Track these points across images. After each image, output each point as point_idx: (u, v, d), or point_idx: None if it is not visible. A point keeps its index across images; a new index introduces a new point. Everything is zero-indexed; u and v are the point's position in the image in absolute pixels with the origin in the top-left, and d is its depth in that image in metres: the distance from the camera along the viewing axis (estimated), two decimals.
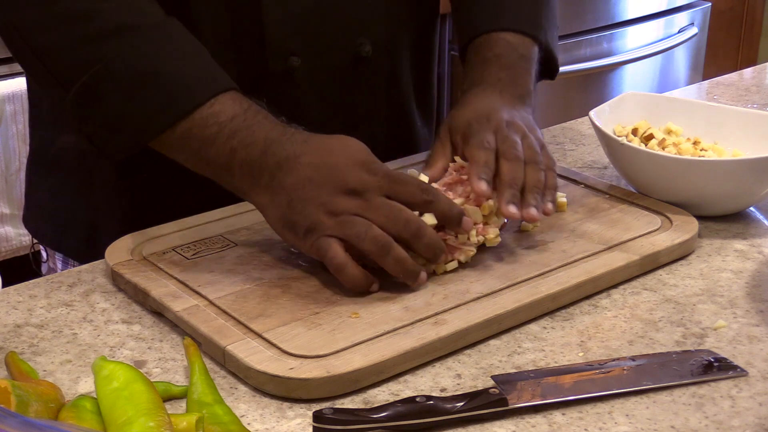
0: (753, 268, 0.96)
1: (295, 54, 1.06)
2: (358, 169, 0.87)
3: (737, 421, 0.73)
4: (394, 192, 0.87)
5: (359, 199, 0.86)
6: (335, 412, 0.72)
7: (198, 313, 0.84)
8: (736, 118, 1.14)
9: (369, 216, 0.86)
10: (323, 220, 0.86)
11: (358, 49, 1.10)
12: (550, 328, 0.86)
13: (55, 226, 1.16)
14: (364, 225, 0.86)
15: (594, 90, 2.68)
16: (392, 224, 0.86)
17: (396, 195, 0.87)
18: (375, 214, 0.86)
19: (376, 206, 0.86)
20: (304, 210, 0.87)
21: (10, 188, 2.07)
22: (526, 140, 0.98)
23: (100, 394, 0.69)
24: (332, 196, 0.86)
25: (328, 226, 0.86)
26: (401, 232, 0.86)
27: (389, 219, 0.86)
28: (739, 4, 3.26)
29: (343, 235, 0.86)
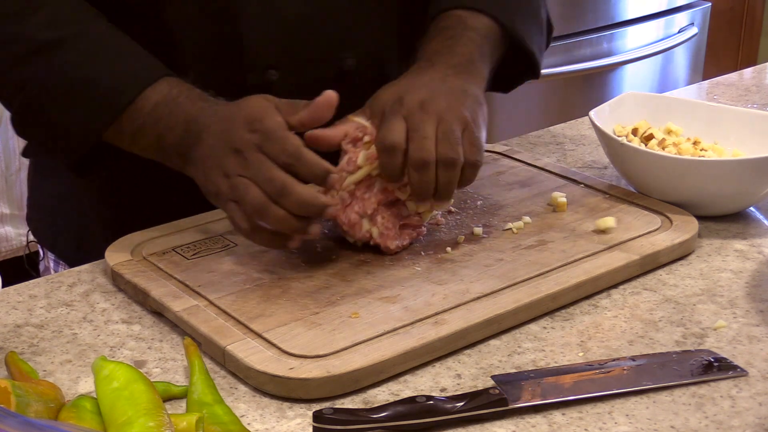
0: (753, 268, 0.96)
1: (274, 67, 1.04)
2: (242, 129, 0.88)
3: (737, 421, 0.73)
4: (266, 150, 0.87)
5: (242, 159, 0.87)
6: (335, 412, 0.72)
7: (198, 313, 0.84)
8: (736, 118, 1.14)
9: (247, 175, 0.87)
10: (220, 184, 0.88)
11: (342, 63, 1.08)
12: (550, 328, 0.86)
13: (51, 228, 1.17)
14: (242, 187, 0.87)
15: (594, 90, 2.68)
16: (261, 182, 0.86)
17: (267, 153, 0.87)
18: (251, 172, 0.87)
19: (251, 163, 0.87)
20: (210, 176, 0.89)
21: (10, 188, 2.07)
22: (441, 127, 0.91)
23: (100, 394, 0.69)
24: (223, 159, 0.88)
25: (224, 190, 0.88)
26: (268, 190, 0.86)
27: (257, 178, 0.86)
28: (739, 4, 3.26)
29: (233, 198, 0.88)
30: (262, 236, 0.88)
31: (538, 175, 1.13)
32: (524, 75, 1.11)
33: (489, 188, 1.09)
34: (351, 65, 1.08)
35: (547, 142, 1.30)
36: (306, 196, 0.86)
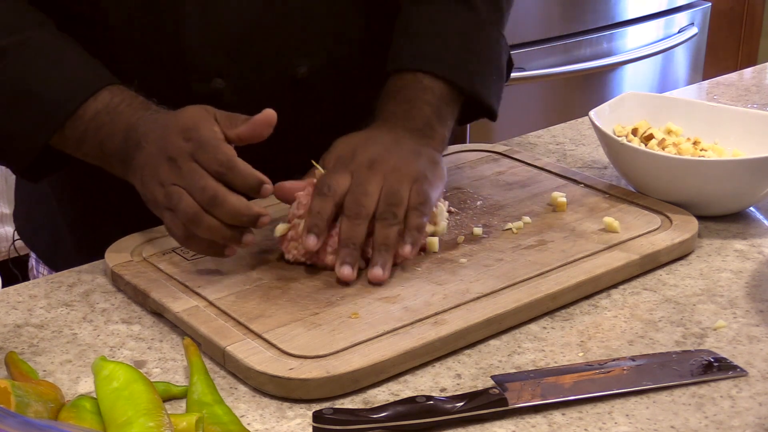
0: (753, 268, 0.96)
1: (220, 76, 1.02)
2: (177, 137, 0.88)
3: (737, 421, 0.73)
4: (198, 159, 0.87)
5: (175, 167, 0.87)
6: (335, 412, 0.72)
7: (198, 313, 0.84)
8: (736, 118, 1.14)
9: (180, 183, 0.87)
10: (156, 192, 0.88)
11: (294, 71, 1.05)
12: (550, 328, 0.86)
13: (32, 227, 1.18)
14: (176, 196, 0.86)
15: (594, 90, 2.68)
16: (193, 192, 0.86)
17: (199, 162, 0.87)
18: (183, 181, 0.87)
19: (184, 172, 0.87)
20: (147, 184, 0.90)
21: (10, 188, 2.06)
22: (387, 186, 0.91)
23: (100, 394, 0.69)
24: (159, 167, 0.88)
25: (159, 199, 0.88)
26: (200, 200, 0.86)
27: (190, 187, 0.86)
28: (739, 4, 3.26)
29: (168, 206, 0.87)
30: (198, 244, 0.88)
31: (538, 175, 1.13)
32: (480, 116, 1.10)
33: (489, 188, 1.10)
34: (304, 73, 1.05)
35: (547, 142, 1.30)
36: (238, 206, 0.85)
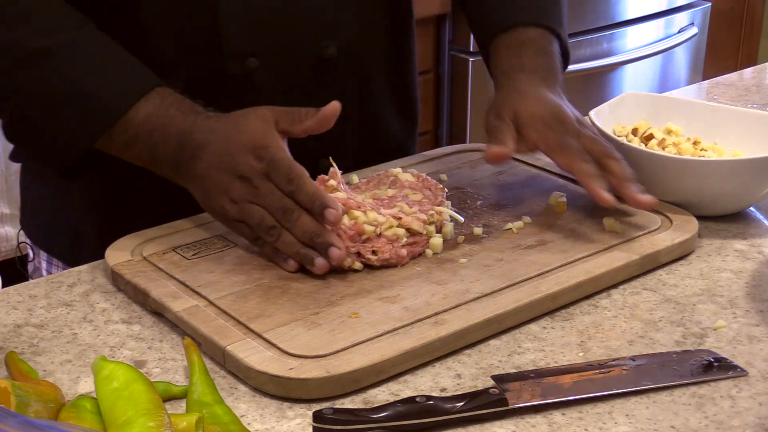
0: (753, 268, 0.96)
1: (254, 55, 1.04)
2: (248, 155, 0.91)
3: (737, 421, 0.73)
4: (273, 179, 0.91)
5: (250, 186, 0.91)
6: (335, 412, 0.72)
7: (198, 313, 0.84)
8: (736, 118, 1.14)
9: (259, 202, 0.91)
10: (228, 208, 0.92)
11: (322, 52, 1.08)
12: (550, 328, 0.86)
13: (44, 229, 1.18)
14: (258, 215, 0.91)
15: (594, 90, 2.68)
16: (273, 211, 0.91)
17: (273, 182, 0.91)
18: (262, 200, 0.91)
19: (262, 192, 0.91)
20: (214, 198, 0.93)
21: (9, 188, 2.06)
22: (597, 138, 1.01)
23: (100, 394, 0.69)
24: (231, 184, 0.92)
25: (233, 215, 0.92)
26: (280, 219, 0.91)
27: (271, 207, 0.91)
28: (739, 4, 3.26)
29: (242, 220, 0.92)
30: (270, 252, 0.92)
31: (538, 175, 1.13)
32: None
33: (489, 188, 1.10)
34: (332, 54, 1.08)
35: None
36: (310, 226, 0.91)
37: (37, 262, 1.21)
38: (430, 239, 0.95)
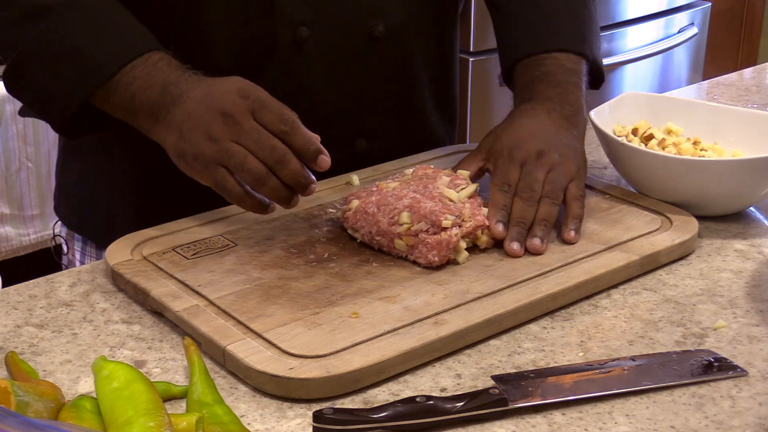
0: (753, 268, 0.96)
1: (305, 24, 1.06)
2: (233, 95, 0.92)
3: (737, 421, 0.73)
4: (259, 117, 0.91)
5: (232, 123, 0.91)
6: (335, 412, 0.72)
7: (198, 313, 0.84)
8: (736, 118, 1.14)
9: (242, 141, 0.91)
10: (205, 147, 0.92)
11: (371, 29, 1.10)
12: (550, 328, 0.86)
13: (79, 212, 1.19)
14: (240, 155, 0.91)
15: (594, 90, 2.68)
16: (259, 150, 0.91)
17: (260, 120, 0.91)
18: (246, 139, 0.91)
19: (247, 131, 0.91)
20: (191, 138, 0.92)
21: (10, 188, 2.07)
22: (551, 174, 0.99)
23: (100, 394, 0.69)
24: (211, 122, 0.91)
25: (210, 154, 0.91)
26: (266, 158, 0.91)
27: (257, 145, 0.91)
28: (739, 4, 3.26)
29: (225, 164, 0.91)
30: (251, 202, 0.93)
31: None
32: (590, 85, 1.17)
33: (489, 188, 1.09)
34: (380, 32, 1.10)
35: None
36: (300, 169, 0.91)
37: (71, 255, 1.21)
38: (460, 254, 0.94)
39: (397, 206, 0.94)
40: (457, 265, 0.92)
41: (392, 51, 1.13)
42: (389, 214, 0.93)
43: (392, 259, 0.94)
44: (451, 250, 0.92)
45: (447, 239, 0.91)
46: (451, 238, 0.91)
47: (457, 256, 0.92)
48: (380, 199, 0.95)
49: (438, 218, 0.92)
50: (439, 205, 0.93)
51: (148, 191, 1.12)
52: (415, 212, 0.93)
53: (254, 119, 0.91)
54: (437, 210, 0.92)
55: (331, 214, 1.02)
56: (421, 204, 0.93)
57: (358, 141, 1.06)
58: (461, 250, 0.93)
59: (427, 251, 0.91)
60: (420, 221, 0.92)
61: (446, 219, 0.92)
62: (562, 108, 1.06)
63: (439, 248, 0.91)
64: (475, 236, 0.94)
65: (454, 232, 0.91)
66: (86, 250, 1.19)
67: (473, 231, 0.94)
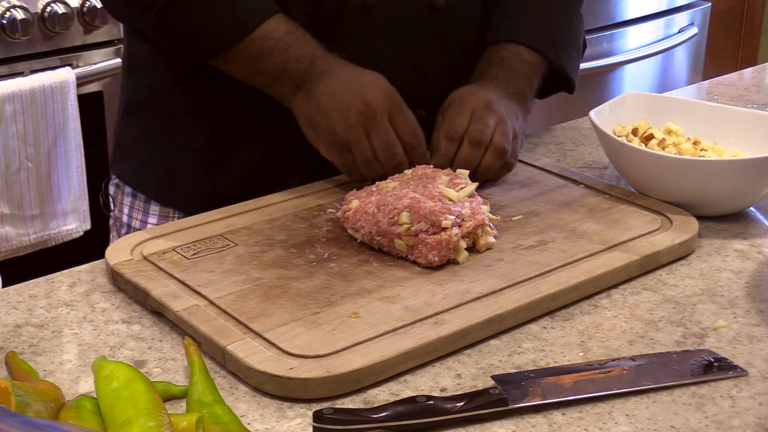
0: (753, 268, 0.96)
1: None
2: (378, 90, 1.02)
3: (737, 421, 0.73)
4: (395, 122, 1.03)
5: (370, 116, 1.01)
6: (335, 412, 0.72)
7: (198, 313, 0.84)
8: (736, 118, 1.14)
9: (372, 136, 1.01)
10: (338, 127, 1.01)
11: (434, 1, 1.13)
12: (550, 328, 0.86)
13: (136, 167, 1.22)
14: (369, 153, 1.02)
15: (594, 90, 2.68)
16: (382, 152, 1.02)
17: (395, 125, 1.03)
18: (376, 136, 1.02)
19: (380, 128, 1.02)
20: (328, 115, 1.02)
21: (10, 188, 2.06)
22: (500, 124, 1.07)
23: (100, 394, 0.69)
24: (351, 105, 1.01)
25: (342, 136, 1.01)
26: (386, 161, 1.02)
27: (383, 148, 1.02)
28: (739, 4, 3.26)
29: (353, 151, 1.02)
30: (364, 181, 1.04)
31: (538, 175, 1.13)
32: (559, 89, 1.23)
33: (489, 188, 1.09)
34: (441, 4, 1.14)
35: (547, 142, 1.30)
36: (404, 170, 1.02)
37: (117, 211, 1.24)
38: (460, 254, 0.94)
39: (396, 206, 0.94)
40: (457, 265, 0.92)
41: (451, 22, 1.16)
42: (389, 214, 0.93)
43: (392, 259, 0.94)
44: (451, 250, 0.92)
45: (447, 239, 0.91)
46: (451, 238, 0.91)
47: (457, 256, 0.93)
48: (380, 199, 0.95)
49: (438, 218, 0.92)
50: (438, 204, 0.93)
51: (210, 149, 1.15)
52: (414, 212, 0.93)
53: (390, 120, 1.01)
54: (437, 210, 0.92)
55: (331, 214, 1.02)
56: (420, 204, 0.93)
57: (418, 110, 1.10)
58: (461, 250, 0.93)
59: (427, 251, 0.91)
60: (420, 221, 0.92)
61: (446, 219, 0.92)
62: (507, 87, 1.13)
63: (439, 248, 0.91)
64: (475, 236, 0.94)
65: (454, 232, 0.92)
66: (135, 204, 1.22)
67: (473, 231, 0.94)
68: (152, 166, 1.20)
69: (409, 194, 0.95)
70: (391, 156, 1.02)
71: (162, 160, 1.19)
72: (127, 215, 1.22)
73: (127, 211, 1.23)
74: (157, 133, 1.19)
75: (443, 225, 0.92)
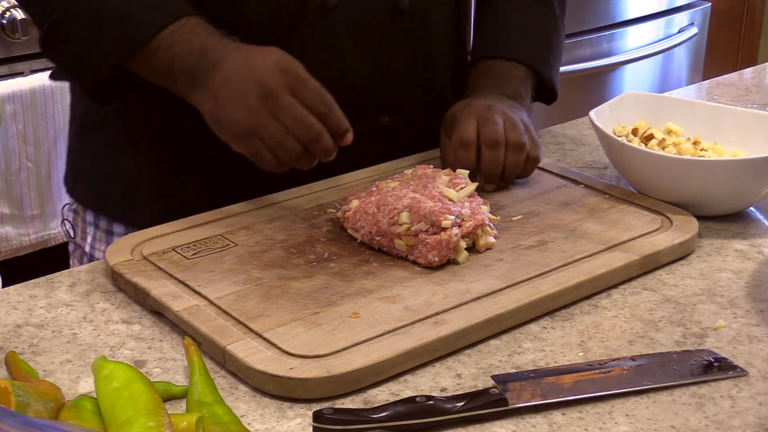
0: (753, 268, 0.96)
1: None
2: (272, 67, 0.95)
3: (737, 421, 0.73)
4: (299, 94, 0.95)
5: (271, 98, 0.94)
6: (335, 412, 0.72)
7: (198, 313, 0.84)
8: (736, 118, 1.14)
9: (279, 116, 0.94)
10: (241, 117, 0.95)
11: (397, 3, 1.11)
12: (550, 328, 0.86)
13: (96, 190, 1.20)
14: (279, 134, 0.94)
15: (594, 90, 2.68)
16: (297, 127, 0.94)
17: (299, 97, 0.95)
18: (283, 115, 0.94)
19: (284, 106, 0.94)
20: (227, 107, 0.95)
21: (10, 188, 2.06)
22: (508, 120, 1.08)
23: (100, 394, 0.69)
24: (248, 93, 0.94)
25: (246, 125, 0.95)
26: (303, 135, 0.95)
27: (295, 122, 0.94)
28: (739, 4, 3.26)
29: (262, 138, 0.95)
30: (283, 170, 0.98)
31: (538, 175, 1.13)
32: (540, 99, 1.24)
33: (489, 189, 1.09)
34: (405, 6, 1.12)
35: (547, 142, 1.30)
36: (331, 145, 0.96)
37: (78, 239, 1.21)
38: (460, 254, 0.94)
39: (396, 206, 0.94)
40: (457, 265, 0.92)
41: (415, 24, 1.14)
42: (389, 214, 0.93)
43: (392, 259, 0.94)
44: (451, 250, 0.92)
45: (447, 239, 0.91)
46: (451, 238, 0.91)
47: (457, 256, 0.93)
48: (380, 199, 0.95)
49: (438, 218, 0.92)
50: (438, 204, 0.93)
51: (170, 164, 1.12)
52: (414, 212, 0.93)
53: (292, 95, 0.94)
54: (437, 210, 0.92)
55: (331, 214, 1.02)
56: (420, 204, 0.93)
57: (381, 117, 1.10)
58: (461, 250, 0.93)
59: (427, 251, 0.91)
60: (420, 221, 0.92)
61: (446, 219, 0.92)
62: (500, 90, 1.15)
63: (439, 248, 0.91)
64: (475, 236, 0.94)
65: (454, 231, 0.92)
66: (97, 234, 1.19)
67: (473, 231, 0.94)
68: (114, 187, 1.16)
69: (409, 194, 0.95)
70: (306, 128, 0.94)
71: (124, 179, 1.15)
72: (89, 245, 1.19)
73: (90, 240, 1.19)
74: (117, 152, 1.15)
75: (443, 225, 0.92)
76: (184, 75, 0.98)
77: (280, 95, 0.94)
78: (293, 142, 0.95)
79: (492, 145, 1.06)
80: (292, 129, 0.94)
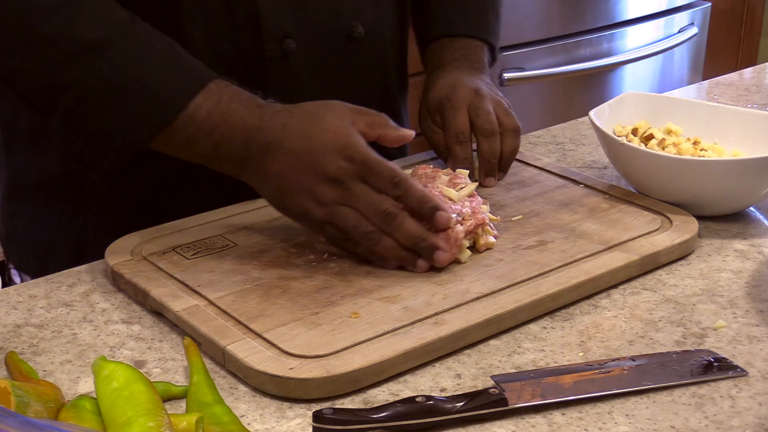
0: (753, 268, 0.96)
1: (290, 36, 1.05)
2: (336, 156, 0.89)
3: (737, 421, 0.73)
4: (370, 181, 0.90)
5: (341, 188, 0.89)
6: (335, 412, 0.72)
7: (198, 313, 0.84)
8: (736, 118, 1.14)
9: (352, 204, 0.89)
10: (313, 209, 0.90)
11: (351, 31, 1.11)
12: (550, 328, 0.86)
13: (38, 256, 1.13)
14: (353, 219, 0.90)
15: (594, 90, 2.68)
16: (372, 215, 0.90)
17: (371, 184, 0.90)
18: (357, 203, 0.90)
19: (357, 195, 0.89)
20: (294, 198, 0.90)
21: None
22: (499, 105, 1.10)
23: (100, 394, 0.69)
24: (316, 185, 0.89)
25: (319, 216, 0.90)
26: (380, 224, 0.90)
27: (369, 210, 0.90)
28: (739, 4, 3.26)
29: (336, 225, 0.90)
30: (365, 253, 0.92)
31: (538, 175, 1.13)
32: None
33: (489, 188, 1.09)
34: (360, 33, 1.11)
35: (547, 142, 1.30)
36: (415, 231, 0.90)
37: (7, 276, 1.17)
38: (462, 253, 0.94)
39: None
40: (457, 265, 0.92)
41: (370, 48, 1.14)
42: None
43: None
44: (458, 247, 0.92)
45: (455, 236, 0.91)
46: (458, 235, 0.91)
47: (460, 254, 0.92)
48: None
49: None
50: None
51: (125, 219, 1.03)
52: None
53: (365, 182, 0.89)
54: None
55: None
56: None
57: None
58: (463, 248, 0.93)
59: None
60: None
61: None
62: (468, 62, 1.16)
63: (447, 246, 0.91)
64: (475, 235, 0.94)
65: (459, 228, 0.91)
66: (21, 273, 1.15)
67: (474, 230, 0.94)
68: (59, 250, 1.09)
69: None
70: (383, 217, 0.89)
71: (71, 242, 1.08)
72: None
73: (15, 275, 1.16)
74: (60, 217, 1.09)
75: None
76: (231, 160, 0.92)
77: (349, 184, 0.89)
78: (367, 225, 0.89)
79: (489, 134, 1.08)
80: (369, 217, 0.89)
